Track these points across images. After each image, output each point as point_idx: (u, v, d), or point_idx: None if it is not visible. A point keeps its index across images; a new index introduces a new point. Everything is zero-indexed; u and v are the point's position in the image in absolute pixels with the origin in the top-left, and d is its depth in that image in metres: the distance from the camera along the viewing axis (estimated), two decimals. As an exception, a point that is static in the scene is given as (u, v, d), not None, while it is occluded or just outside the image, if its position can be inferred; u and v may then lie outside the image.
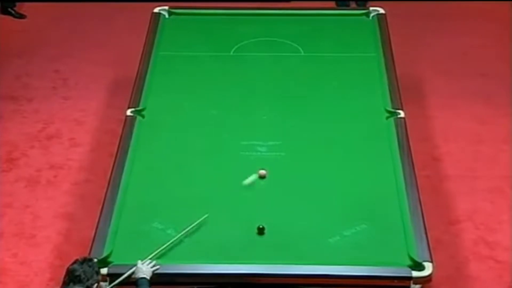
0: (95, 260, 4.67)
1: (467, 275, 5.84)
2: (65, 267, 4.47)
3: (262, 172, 5.50)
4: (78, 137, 7.16)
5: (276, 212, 5.28)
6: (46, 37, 8.55)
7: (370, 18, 7.30)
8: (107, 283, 4.83)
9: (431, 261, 4.93)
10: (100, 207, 5.34)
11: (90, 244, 5.05)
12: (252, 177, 5.44)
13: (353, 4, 8.81)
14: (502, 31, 8.51)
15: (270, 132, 5.98)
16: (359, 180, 5.55)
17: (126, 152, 5.77)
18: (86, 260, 4.50)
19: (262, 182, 5.53)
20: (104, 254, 4.94)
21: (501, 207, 6.42)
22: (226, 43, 6.97)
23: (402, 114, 6.12)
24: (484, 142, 7.09)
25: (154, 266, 4.83)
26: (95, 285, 4.47)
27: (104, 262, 4.88)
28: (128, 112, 6.16)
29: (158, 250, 4.90)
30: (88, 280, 4.42)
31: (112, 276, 4.82)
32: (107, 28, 8.69)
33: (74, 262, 4.48)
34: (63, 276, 4.47)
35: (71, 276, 4.42)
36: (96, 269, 4.52)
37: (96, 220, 5.24)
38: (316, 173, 5.62)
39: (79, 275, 4.41)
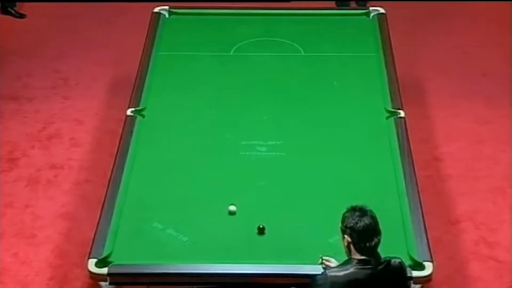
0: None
1: (467, 275, 5.84)
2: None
3: (232, 208, 5.26)
4: (78, 137, 7.15)
5: (276, 212, 5.28)
6: (46, 37, 8.54)
7: (370, 18, 7.30)
8: (107, 283, 4.84)
9: (431, 261, 4.92)
10: (100, 207, 5.34)
11: (90, 244, 5.06)
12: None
13: (353, 4, 8.80)
14: (502, 31, 8.51)
15: (270, 132, 5.98)
16: (359, 179, 5.55)
17: (126, 152, 5.77)
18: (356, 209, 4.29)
19: (263, 182, 5.53)
20: (104, 254, 4.93)
21: (502, 207, 6.42)
22: (226, 43, 6.96)
23: (402, 114, 6.12)
24: (485, 142, 7.08)
25: None
26: None
27: (104, 262, 4.87)
28: (128, 112, 6.16)
29: None
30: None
31: (112, 276, 4.83)
32: (107, 28, 8.69)
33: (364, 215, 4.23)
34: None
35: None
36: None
37: (96, 220, 5.24)
38: (316, 173, 5.61)
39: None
